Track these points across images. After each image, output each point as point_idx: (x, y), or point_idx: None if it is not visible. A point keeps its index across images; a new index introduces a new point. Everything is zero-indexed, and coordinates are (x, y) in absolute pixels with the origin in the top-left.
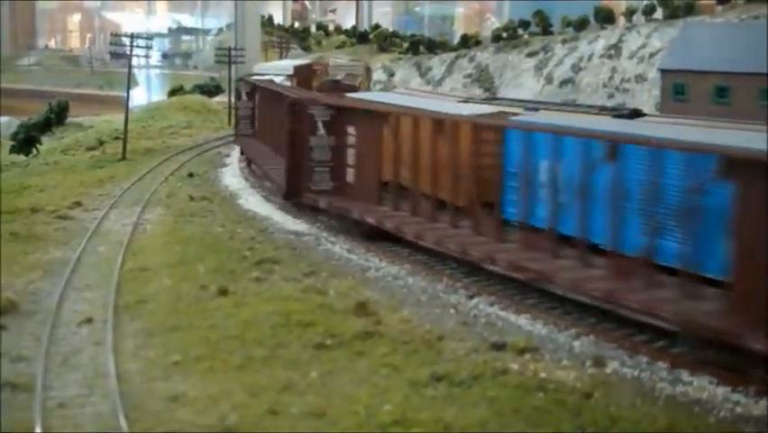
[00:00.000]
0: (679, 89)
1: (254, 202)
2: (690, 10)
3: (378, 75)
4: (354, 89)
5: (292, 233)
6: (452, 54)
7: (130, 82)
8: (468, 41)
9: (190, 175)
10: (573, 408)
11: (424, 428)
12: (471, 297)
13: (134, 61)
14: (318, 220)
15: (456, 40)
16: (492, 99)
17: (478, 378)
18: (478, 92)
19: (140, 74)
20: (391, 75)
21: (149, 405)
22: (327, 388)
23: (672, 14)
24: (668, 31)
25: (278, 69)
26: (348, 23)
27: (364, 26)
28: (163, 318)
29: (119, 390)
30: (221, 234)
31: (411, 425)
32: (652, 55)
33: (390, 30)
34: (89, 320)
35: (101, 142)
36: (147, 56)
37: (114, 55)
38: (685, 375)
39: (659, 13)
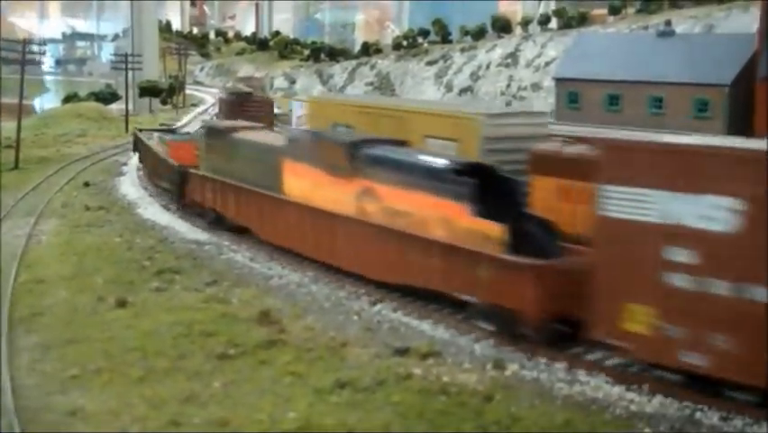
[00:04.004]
0: (573, 98)
1: (153, 211)
2: (583, 20)
3: (279, 82)
4: None
5: (193, 242)
6: (354, 62)
7: (22, 89)
8: (369, 49)
9: (86, 184)
10: (475, 409)
11: None
12: (374, 303)
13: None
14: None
15: (357, 47)
16: None
17: (381, 383)
18: None
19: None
20: (292, 82)
21: (46, 420)
22: (231, 398)
23: (567, 24)
24: (562, 40)
25: None
26: (248, 30)
27: (264, 33)
28: (60, 331)
29: (15, 405)
30: (119, 244)
31: (315, 432)
32: (547, 64)
33: (291, 36)
34: None
35: None
36: (40, 62)
37: (5, 61)
38: (582, 376)
39: (554, 23)
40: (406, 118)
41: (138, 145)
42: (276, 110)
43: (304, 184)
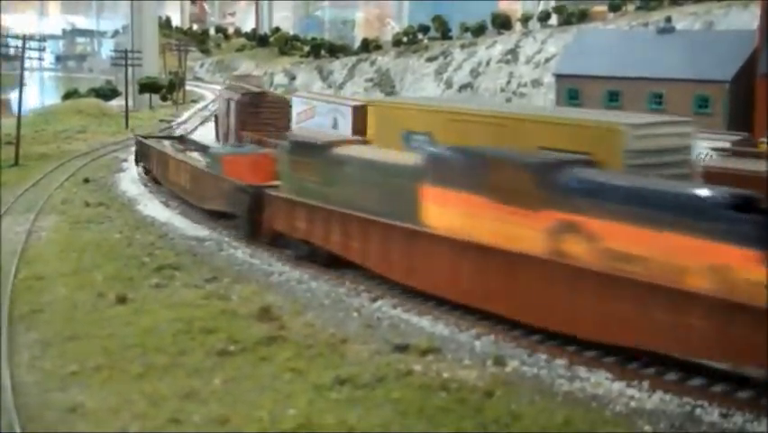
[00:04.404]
0: (573, 94)
1: (153, 207)
2: (583, 17)
3: (279, 78)
4: None
5: (193, 238)
6: (354, 58)
7: (22, 85)
8: (369, 46)
9: (86, 180)
10: (475, 406)
11: (328, 431)
12: (374, 300)
13: (26, 64)
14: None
15: (357, 44)
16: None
17: (381, 380)
18: (380, 96)
19: (32, 77)
20: (292, 78)
21: (46, 417)
22: (231, 395)
23: (566, 21)
24: (562, 37)
25: None
26: (248, 26)
27: (264, 29)
28: (60, 328)
29: (15, 402)
30: (119, 240)
31: (315, 429)
32: (547, 60)
33: (291, 33)
34: None
35: None
36: (40, 58)
37: (5, 57)
38: (582, 372)
39: (554, 20)
40: (512, 127)
41: (146, 155)
42: None
43: (457, 214)
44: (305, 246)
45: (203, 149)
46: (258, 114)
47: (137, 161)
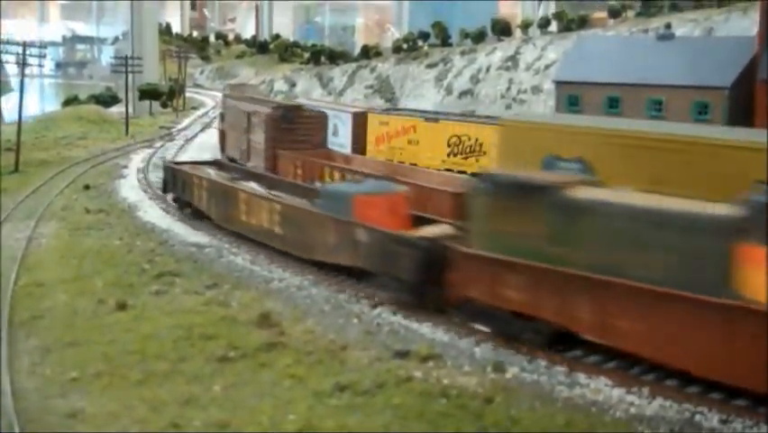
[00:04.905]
0: (573, 100)
1: (153, 214)
2: (582, 23)
3: (279, 85)
4: None
5: (193, 245)
6: (354, 65)
7: (23, 91)
8: (369, 52)
9: (86, 187)
10: (475, 412)
11: None
12: (375, 306)
13: (26, 70)
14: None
15: (357, 50)
16: (393, 110)
17: (382, 386)
18: (379, 102)
19: (32, 83)
20: (292, 85)
21: (46, 423)
22: (231, 401)
23: (566, 27)
24: (562, 43)
25: None
26: (248, 33)
27: (264, 36)
28: (60, 334)
29: (15, 408)
30: (119, 247)
31: None
32: (547, 67)
33: (291, 40)
34: None
35: None
36: (40, 65)
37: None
38: (582, 378)
39: (553, 26)
40: (718, 155)
41: (185, 184)
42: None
43: None
44: (517, 321)
45: (258, 178)
46: (292, 130)
47: (165, 190)
